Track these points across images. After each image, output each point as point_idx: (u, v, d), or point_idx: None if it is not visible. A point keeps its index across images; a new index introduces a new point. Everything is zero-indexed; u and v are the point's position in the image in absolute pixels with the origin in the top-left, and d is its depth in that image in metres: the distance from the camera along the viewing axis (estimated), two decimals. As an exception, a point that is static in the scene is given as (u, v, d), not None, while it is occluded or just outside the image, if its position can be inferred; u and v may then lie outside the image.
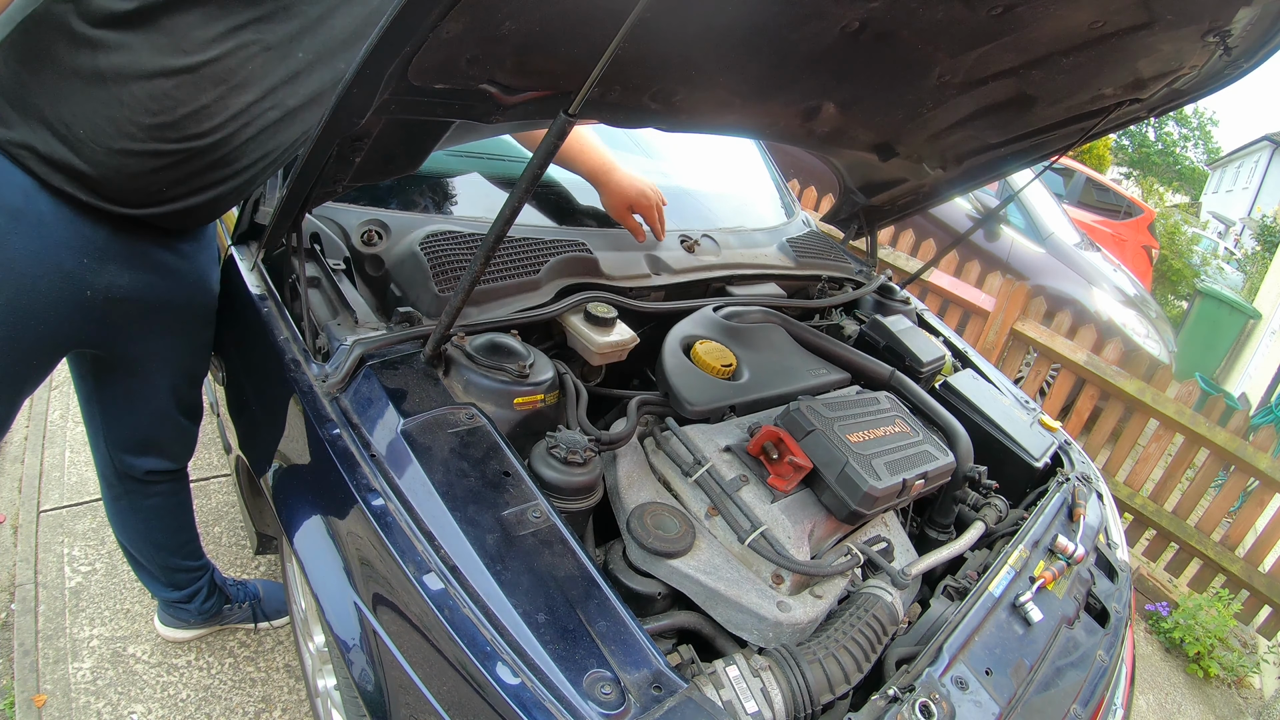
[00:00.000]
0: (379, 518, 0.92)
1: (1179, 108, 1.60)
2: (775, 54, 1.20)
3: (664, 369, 1.33)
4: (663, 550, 1.04)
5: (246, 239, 1.46)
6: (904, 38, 1.20)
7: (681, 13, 0.97)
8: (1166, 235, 9.35)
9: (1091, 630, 1.32)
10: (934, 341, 1.90)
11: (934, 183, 1.97)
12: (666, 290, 1.64)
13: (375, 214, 1.40)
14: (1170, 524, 3.27)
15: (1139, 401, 3.26)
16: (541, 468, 1.04)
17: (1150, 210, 8.10)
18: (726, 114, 1.44)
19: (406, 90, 0.92)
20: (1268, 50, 1.30)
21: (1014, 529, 1.45)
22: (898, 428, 1.35)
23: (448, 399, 1.09)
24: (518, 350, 1.19)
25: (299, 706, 1.71)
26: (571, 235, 1.54)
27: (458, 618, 0.82)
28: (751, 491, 1.18)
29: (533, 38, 0.91)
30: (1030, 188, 4.93)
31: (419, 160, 1.18)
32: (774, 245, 2.03)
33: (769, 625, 1.02)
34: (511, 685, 0.77)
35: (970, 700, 1.00)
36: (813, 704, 0.91)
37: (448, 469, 0.97)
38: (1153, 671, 2.90)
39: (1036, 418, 1.88)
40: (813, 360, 1.64)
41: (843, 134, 1.70)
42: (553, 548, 0.92)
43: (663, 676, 0.81)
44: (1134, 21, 1.17)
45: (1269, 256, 10.68)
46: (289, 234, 1.19)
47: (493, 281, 1.31)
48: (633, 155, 2.15)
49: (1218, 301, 6.83)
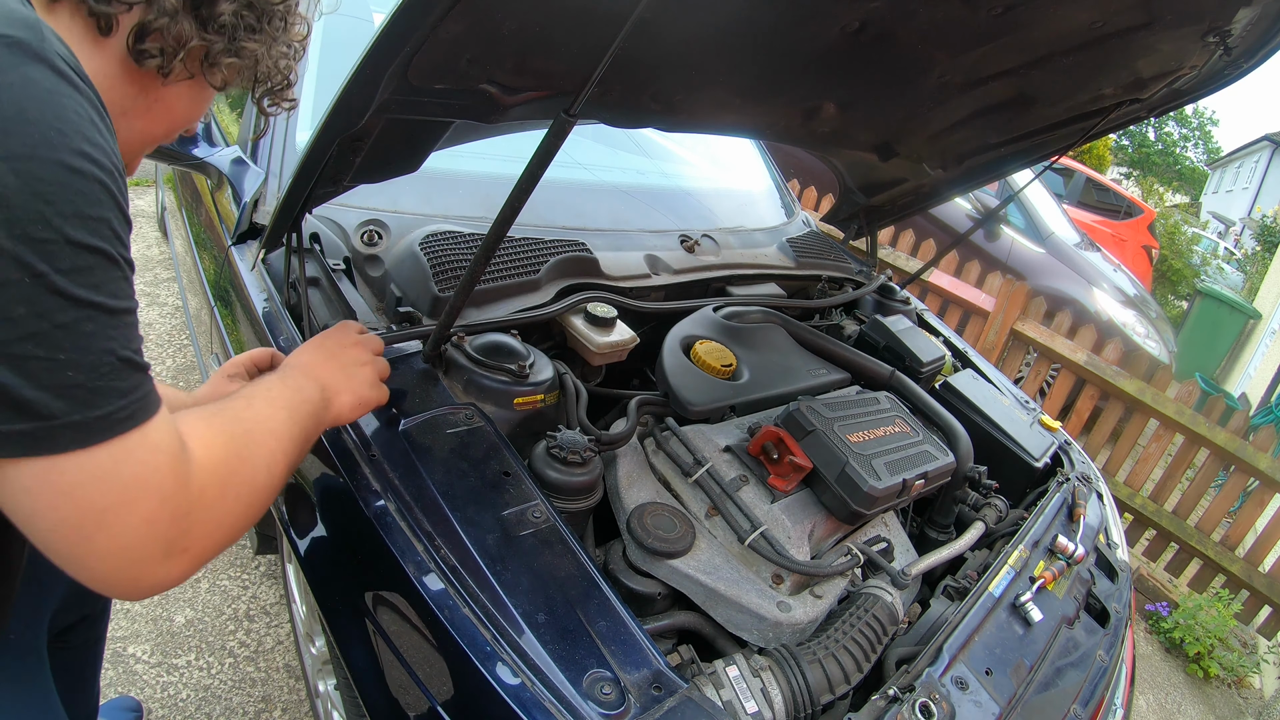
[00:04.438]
0: (379, 518, 0.92)
1: (1179, 108, 1.60)
2: (775, 54, 1.20)
3: (664, 369, 1.33)
4: (663, 550, 1.04)
5: (246, 239, 1.46)
6: (904, 38, 1.20)
7: (681, 13, 0.97)
8: (1166, 235, 9.34)
9: (1091, 630, 1.32)
10: (934, 341, 1.90)
11: (934, 183, 1.97)
12: (666, 290, 1.64)
13: (375, 214, 1.40)
14: (1170, 524, 3.27)
15: (1139, 401, 3.26)
16: (541, 468, 1.04)
17: (1150, 210, 8.10)
18: (726, 114, 1.44)
19: (406, 90, 0.92)
20: (1268, 50, 1.30)
21: (1014, 529, 1.45)
22: (898, 428, 1.35)
23: (448, 399, 1.09)
24: (518, 350, 1.19)
25: (299, 706, 1.71)
26: (571, 235, 1.54)
27: (458, 618, 0.82)
28: (751, 492, 1.18)
29: (533, 38, 0.91)
30: (1030, 188, 4.93)
31: (419, 160, 1.17)
32: (774, 245, 2.02)
33: (769, 625, 1.02)
34: (511, 685, 0.77)
35: (970, 700, 1.00)
36: (813, 704, 0.91)
37: (448, 469, 0.97)
38: (1153, 671, 2.90)
39: (1036, 418, 1.88)
40: (813, 360, 1.64)
41: (843, 134, 1.70)
42: (553, 548, 0.92)
43: (663, 676, 0.81)
44: (1134, 21, 1.17)
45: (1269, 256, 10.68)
46: (289, 234, 1.19)
47: (493, 281, 1.31)
48: (633, 155, 2.15)
49: (1218, 301, 6.83)
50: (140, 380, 0.55)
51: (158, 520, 0.56)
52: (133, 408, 0.54)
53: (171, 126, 0.76)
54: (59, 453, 0.50)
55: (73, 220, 0.50)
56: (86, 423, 0.51)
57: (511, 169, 1.75)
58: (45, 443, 0.50)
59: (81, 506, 0.52)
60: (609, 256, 1.53)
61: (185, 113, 0.76)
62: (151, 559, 0.57)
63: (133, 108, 0.70)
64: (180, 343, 3.10)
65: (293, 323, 1.22)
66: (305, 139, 1.31)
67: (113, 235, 0.53)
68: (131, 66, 0.66)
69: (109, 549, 0.54)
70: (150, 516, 0.55)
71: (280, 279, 1.29)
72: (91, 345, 0.51)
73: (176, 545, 0.58)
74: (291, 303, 1.25)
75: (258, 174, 1.52)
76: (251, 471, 0.67)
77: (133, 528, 0.54)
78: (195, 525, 0.59)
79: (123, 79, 0.67)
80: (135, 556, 0.56)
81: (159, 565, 0.57)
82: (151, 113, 0.72)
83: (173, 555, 0.58)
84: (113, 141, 0.55)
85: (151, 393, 0.57)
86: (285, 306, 1.26)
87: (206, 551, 0.62)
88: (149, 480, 0.55)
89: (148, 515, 0.55)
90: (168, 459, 0.57)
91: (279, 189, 1.45)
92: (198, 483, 0.60)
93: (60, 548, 0.54)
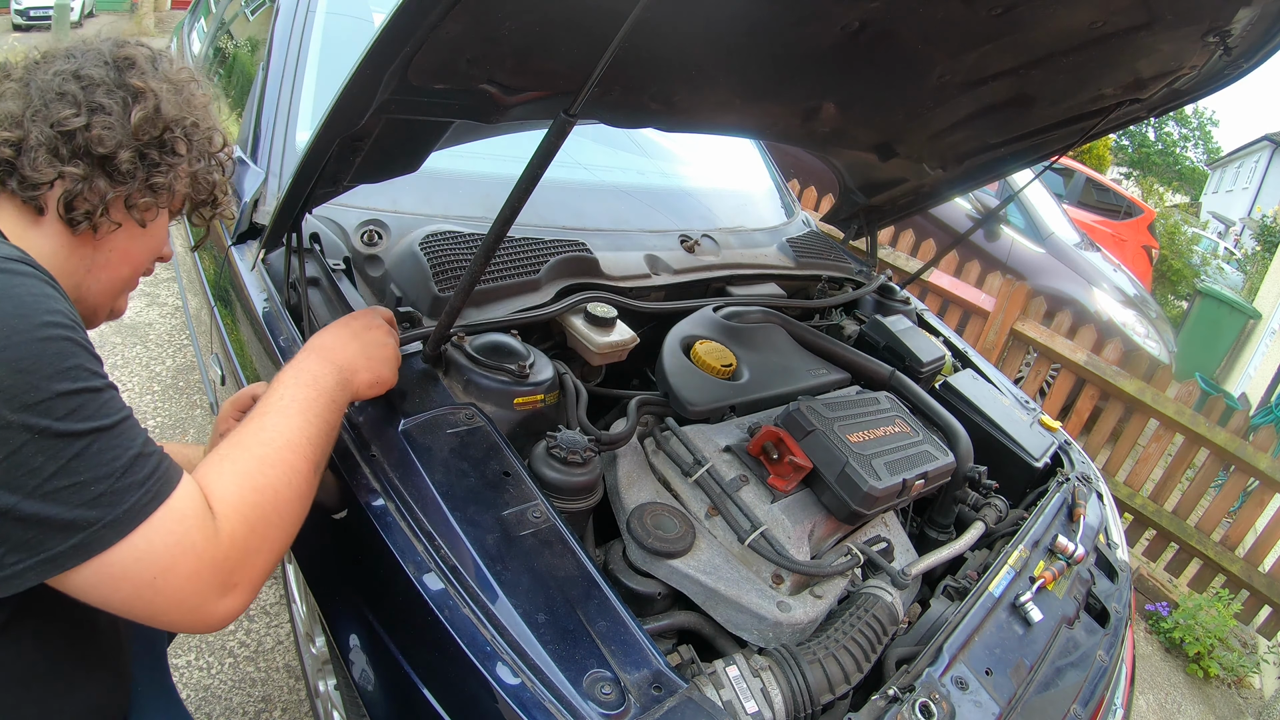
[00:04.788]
0: (379, 518, 0.92)
1: (1179, 108, 1.60)
2: (775, 54, 1.20)
3: (664, 369, 1.33)
4: (663, 550, 1.04)
5: (246, 239, 1.46)
6: (904, 38, 1.20)
7: (681, 13, 0.97)
8: (1166, 235, 9.34)
9: (1091, 630, 1.32)
10: (934, 341, 1.90)
11: (934, 183, 1.97)
12: (666, 290, 1.64)
13: (375, 214, 1.40)
14: (1170, 524, 3.27)
15: (1139, 401, 3.26)
16: (541, 468, 1.04)
17: (1150, 210, 8.10)
18: (726, 114, 1.44)
19: (406, 90, 0.92)
20: (1268, 50, 1.30)
21: (1014, 529, 1.45)
22: (898, 428, 1.35)
23: (448, 399, 1.09)
24: (518, 350, 1.19)
25: (299, 706, 1.71)
26: (571, 235, 1.54)
27: (458, 618, 0.82)
28: (751, 492, 1.18)
29: (533, 38, 0.91)
30: (1030, 188, 4.93)
31: (419, 160, 1.17)
32: (774, 245, 2.02)
33: (769, 625, 1.02)
34: (511, 685, 0.77)
35: (970, 700, 1.00)
36: (813, 704, 0.91)
37: (448, 469, 0.97)
38: (1153, 671, 2.90)
39: (1036, 418, 1.88)
40: (813, 360, 1.64)
41: (843, 134, 1.70)
42: (553, 548, 0.92)
43: (663, 676, 0.81)
44: (1134, 21, 1.17)
45: (1269, 256, 10.68)
46: (289, 234, 1.19)
47: (493, 281, 1.31)
48: (633, 155, 2.15)
49: (1218, 301, 6.83)
50: (154, 466, 0.65)
51: (201, 573, 0.66)
52: (153, 491, 0.64)
53: (135, 267, 0.87)
54: (105, 549, 0.61)
55: (55, 377, 0.61)
56: (118, 519, 0.62)
57: (511, 169, 1.75)
58: (94, 546, 0.61)
59: (136, 583, 0.63)
60: (609, 256, 1.53)
61: (142, 251, 0.87)
62: (210, 601, 0.67)
63: (93, 264, 0.82)
64: (180, 343, 3.10)
65: (293, 323, 1.22)
66: (305, 139, 1.31)
67: (89, 373, 0.64)
68: (70, 234, 0.78)
69: (171, 605, 0.65)
70: (193, 572, 0.65)
71: (280, 279, 1.29)
72: (104, 459, 0.62)
73: (228, 583, 0.68)
74: (291, 303, 1.25)
75: (258, 174, 1.51)
76: (273, 495, 0.73)
77: (181, 585, 0.65)
78: (237, 564, 0.68)
79: (70, 245, 0.79)
80: (196, 604, 0.66)
81: (219, 602, 0.68)
82: (110, 263, 0.83)
83: (228, 591, 0.68)
84: (65, 301, 0.67)
85: (167, 470, 0.66)
86: (285, 306, 1.26)
87: (258, 576, 0.72)
88: (181, 544, 0.65)
89: (190, 572, 0.65)
90: (195, 521, 0.66)
91: (279, 189, 1.45)
92: (226, 530, 0.68)
93: (139, 616, 0.66)
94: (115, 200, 0.79)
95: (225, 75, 2.42)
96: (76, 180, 0.76)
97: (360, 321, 0.99)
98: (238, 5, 2.57)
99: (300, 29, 1.71)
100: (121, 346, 2.97)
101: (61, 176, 0.75)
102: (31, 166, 0.74)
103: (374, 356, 0.95)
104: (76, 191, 0.76)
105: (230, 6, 2.76)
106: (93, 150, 0.76)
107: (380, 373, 0.95)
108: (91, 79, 0.78)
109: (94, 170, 0.77)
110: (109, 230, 0.80)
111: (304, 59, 1.67)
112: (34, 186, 0.74)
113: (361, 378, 0.92)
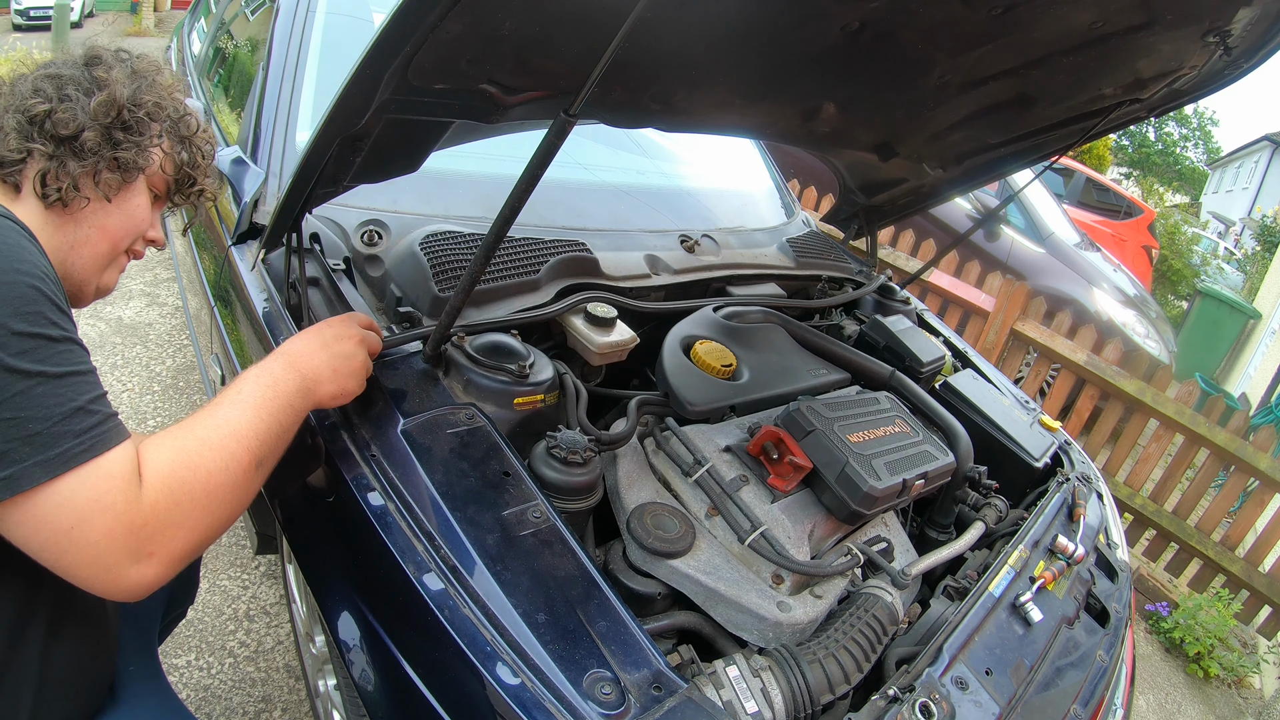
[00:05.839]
0: (379, 518, 0.92)
1: (1179, 108, 1.60)
2: (775, 54, 1.20)
3: (664, 369, 1.33)
4: (663, 550, 1.04)
5: (246, 239, 1.46)
6: (904, 38, 1.20)
7: (681, 13, 0.97)
8: (1166, 235, 9.34)
9: (1091, 630, 1.32)
10: (934, 341, 1.90)
11: (934, 183, 1.97)
12: (666, 290, 1.64)
13: (375, 214, 1.40)
14: (1170, 524, 3.27)
15: (1139, 401, 3.26)
16: (541, 468, 1.04)
17: (1150, 210, 8.10)
18: (726, 114, 1.44)
19: (406, 90, 0.92)
20: (1268, 50, 1.30)
21: (1014, 529, 1.45)
22: (898, 428, 1.35)
23: (448, 399, 1.09)
24: (518, 350, 1.19)
25: (299, 706, 1.71)
26: (571, 235, 1.54)
27: (458, 618, 0.82)
28: (751, 492, 1.18)
29: (533, 38, 0.91)
30: (1030, 188, 4.92)
31: (419, 160, 1.17)
32: (774, 245, 2.02)
33: (769, 625, 1.02)
34: (511, 685, 0.77)
35: (970, 700, 1.00)
36: (813, 704, 0.91)
37: (448, 469, 0.97)
38: (1153, 671, 2.90)
39: (1036, 418, 1.88)
40: (813, 360, 1.64)
41: (843, 134, 1.70)
42: (553, 548, 0.92)
43: (663, 676, 0.81)
44: (1134, 21, 1.17)
45: (1269, 256, 10.68)
46: (289, 234, 1.19)
47: (493, 281, 1.31)
48: (633, 155, 2.15)
49: (1218, 301, 6.83)
50: (95, 422, 0.69)
51: (115, 533, 0.67)
52: (87, 444, 0.67)
53: (114, 243, 0.92)
54: (32, 487, 0.64)
55: (15, 317, 0.66)
56: (48, 460, 0.65)
57: (511, 169, 1.75)
58: (21, 480, 0.64)
59: (55, 529, 0.66)
60: (609, 256, 1.53)
61: (119, 228, 0.92)
62: (121, 564, 0.69)
63: (75, 240, 0.88)
64: (180, 343, 3.10)
65: (293, 323, 1.22)
66: (305, 139, 1.31)
67: (48, 322, 0.68)
68: (46, 209, 0.85)
69: (82, 560, 0.67)
70: (107, 530, 0.67)
71: (280, 279, 1.29)
72: (45, 403, 0.66)
73: (141, 551, 0.69)
74: (292, 303, 1.25)
75: (258, 174, 1.51)
76: (205, 476, 0.75)
77: (96, 540, 0.67)
78: (154, 533, 0.70)
79: (52, 223, 0.86)
80: (107, 564, 0.68)
81: (131, 568, 0.69)
82: (90, 240, 0.89)
83: (141, 559, 0.70)
84: (43, 259, 0.73)
85: (108, 432, 0.70)
86: (285, 306, 1.26)
87: (175, 552, 0.73)
88: (102, 501, 0.67)
89: (105, 529, 0.67)
90: (119, 482, 0.68)
91: (279, 189, 1.45)
92: (149, 499, 0.70)
93: (53, 565, 0.67)
94: (83, 175, 0.86)
95: (225, 75, 2.42)
96: (46, 158, 0.84)
97: (332, 330, 0.99)
98: (238, 5, 2.57)
99: (300, 29, 1.71)
100: (122, 346, 2.97)
101: (30, 154, 0.84)
102: (4, 146, 0.84)
103: (340, 369, 0.96)
104: (48, 169, 0.84)
105: (230, 6, 2.76)
106: (58, 131, 0.84)
107: (345, 385, 0.96)
108: (63, 76, 0.88)
109: (62, 150, 0.84)
110: (80, 206, 0.87)
111: (304, 59, 1.67)
112: (8, 165, 0.83)
113: (325, 389, 0.94)
